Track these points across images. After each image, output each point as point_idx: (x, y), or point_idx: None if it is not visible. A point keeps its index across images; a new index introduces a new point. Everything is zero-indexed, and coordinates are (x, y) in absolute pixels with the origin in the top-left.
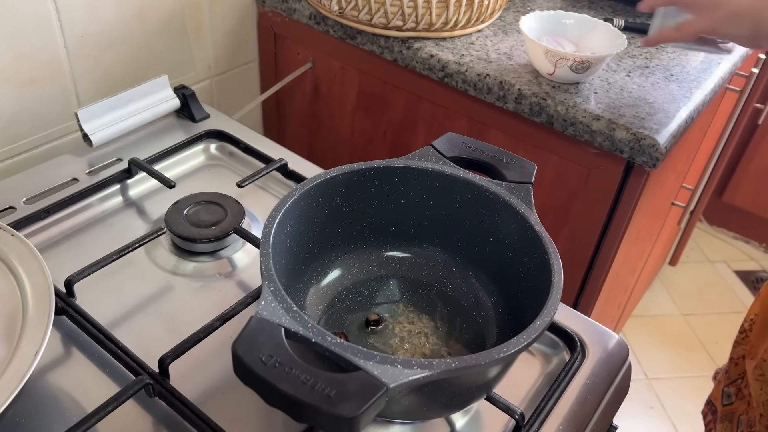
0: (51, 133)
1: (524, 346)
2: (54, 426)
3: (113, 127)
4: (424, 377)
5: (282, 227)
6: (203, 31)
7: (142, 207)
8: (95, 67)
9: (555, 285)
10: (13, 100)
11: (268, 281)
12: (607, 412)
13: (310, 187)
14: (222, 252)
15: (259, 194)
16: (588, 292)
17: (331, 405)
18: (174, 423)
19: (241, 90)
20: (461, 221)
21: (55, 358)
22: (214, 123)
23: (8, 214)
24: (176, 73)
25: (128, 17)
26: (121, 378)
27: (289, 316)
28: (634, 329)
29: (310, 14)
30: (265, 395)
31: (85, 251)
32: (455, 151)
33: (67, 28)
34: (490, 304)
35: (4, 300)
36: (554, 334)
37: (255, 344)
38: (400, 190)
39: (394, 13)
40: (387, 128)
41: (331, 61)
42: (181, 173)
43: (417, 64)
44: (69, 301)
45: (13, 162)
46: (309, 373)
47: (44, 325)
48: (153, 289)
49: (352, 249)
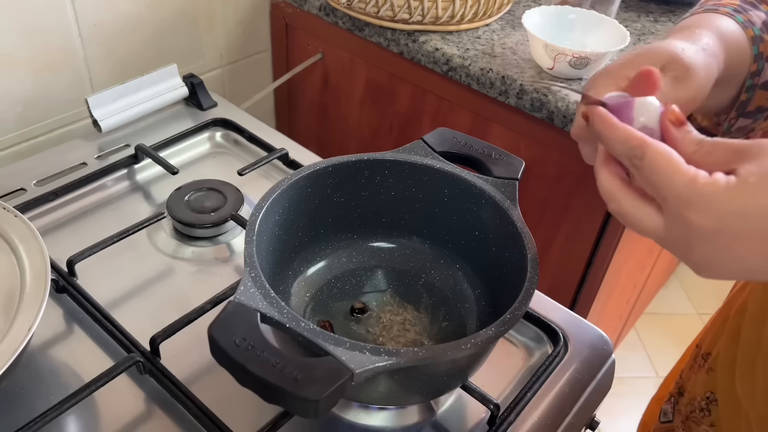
0: (64, 118)
1: (491, 337)
2: (51, 397)
3: (122, 113)
4: (390, 364)
5: (270, 216)
6: (216, 20)
7: (147, 191)
8: (108, 55)
9: (529, 279)
10: (28, 85)
11: (249, 267)
12: (586, 407)
13: (300, 177)
14: (221, 237)
15: (261, 182)
16: (588, 287)
17: (296, 387)
18: (163, 400)
19: (253, 79)
20: (449, 214)
21: (56, 334)
22: (221, 112)
23: (19, 195)
24: (187, 62)
25: (141, 6)
26: (116, 355)
27: (266, 302)
28: (648, 326)
29: (320, 5)
30: (236, 376)
31: (91, 233)
32: (445, 146)
33: (81, 16)
34: (474, 296)
35: (3, 277)
36: (538, 327)
37: (230, 327)
38: (390, 183)
39: (401, 6)
40: (393, 120)
41: (340, 53)
42: (186, 160)
43: (422, 58)
44: (70, 280)
45: (28, 145)
46: (279, 356)
47: (39, 302)
48: (152, 272)
49: (342, 239)
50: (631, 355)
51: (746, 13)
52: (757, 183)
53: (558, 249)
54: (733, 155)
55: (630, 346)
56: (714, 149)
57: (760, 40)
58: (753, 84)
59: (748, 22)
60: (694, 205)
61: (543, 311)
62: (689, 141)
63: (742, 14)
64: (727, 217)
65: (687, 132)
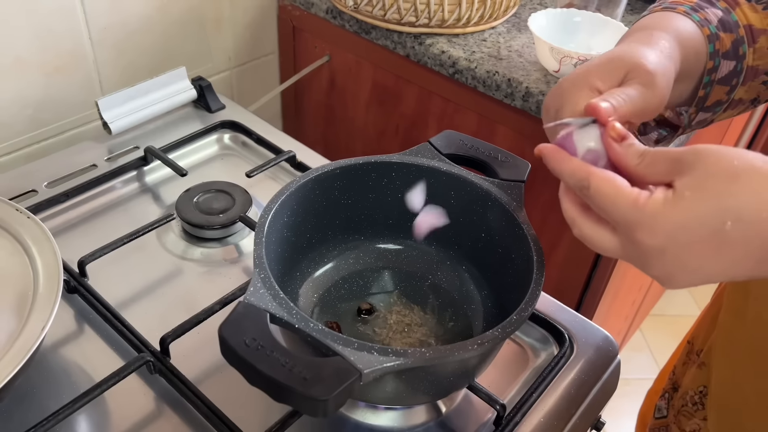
0: (74, 120)
1: (497, 338)
2: (62, 396)
3: (132, 116)
4: (397, 365)
5: (278, 218)
6: (224, 23)
7: (157, 193)
8: (118, 57)
9: (535, 281)
10: (39, 87)
11: (259, 269)
12: (592, 408)
13: (308, 179)
14: (229, 239)
15: (268, 184)
16: (593, 288)
17: (305, 387)
18: (173, 399)
19: (261, 81)
20: (455, 216)
21: (67, 334)
22: (229, 114)
23: (30, 197)
24: (196, 64)
25: (151, 9)
26: (126, 354)
27: (275, 303)
28: (653, 328)
29: (327, 8)
30: (246, 375)
31: (101, 234)
32: (452, 148)
33: (91, 19)
34: (480, 297)
35: (17, 278)
36: (544, 328)
37: (240, 327)
38: (397, 185)
39: (407, 9)
40: (399, 122)
41: (347, 55)
42: (195, 162)
43: (428, 60)
44: (81, 280)
45: (39, 147)
46: (288, 356)
47: (52, 303)
48: (162, 273)
49: (349, 240)
50: (636, 356)
51: (703, 11)
52: (692, 196)
53: (564, 251)
54: (673, 165)
55: (635, 347)
56: (655, 160)
57: (716, 38)
58: (710, 80)
59: (705, 21)
60: (639, 226)
61: (549, 312)
62: (632, 154)
63: (699, 12)
64: (672, 232)
65: (630, 146)
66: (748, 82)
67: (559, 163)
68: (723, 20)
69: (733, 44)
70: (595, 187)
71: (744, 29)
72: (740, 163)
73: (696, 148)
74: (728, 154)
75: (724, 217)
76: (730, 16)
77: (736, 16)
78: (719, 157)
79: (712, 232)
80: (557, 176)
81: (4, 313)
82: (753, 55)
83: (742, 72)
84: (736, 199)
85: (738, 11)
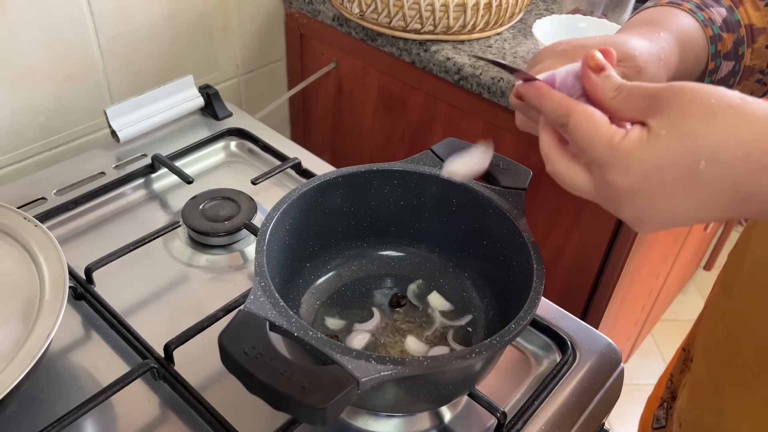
0: (83, 129)
1: (496, 346)
2: (69, 402)
3: (140, 124)
4: (395, 373)
5: (280, 226)
6: (231, 31)
7: (164, 200)
8: (127, 66)
9: (534, 289)
10: (49, 96)
11: (259, 277)
12: (595, 417)
13: (310, 187)
14: (235, 245)
15: (274, 191)
16: (600, 294)
17: (303, 395)
18: (177, 405)
19: (268, 88)
20: (457, 224)
21: (74, 340)
22: (236, 121)
23: (39, 204)
24: (204, 72)
25: (159, 19)
26: (131, 360)
27: (275, 311)
28: (665, 333)
29: (334, 16)
30: (245, 383)
31: (108, 241)
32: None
33: (101, 29)
34: (482, 305)
35: (24, 285)
36: (546, 335)
37: (240, 336)
38: (399, 192)
39: (412, 17)
40: (405, 128)
41: (354, 62)
42: (201, 169)
43: (434, 67)
44: (88, 287)
45: (50, 155)
46: (287, 364)
47: (57, 310)
48: (168, 279)
49: (352, 247)
50: (647, 361)
51: (708, 9)
52: (668, 135)
53: (570, 256)
54: (649, 101)
55: (646, 352)
56: (631, 95)
57: (719, 39)
58: (711, 81)
59: (709, 21)
60: (613, 165)
61: (551, 319)
62: (609, 86)
63: (704, 11)
64: (645, 172)
65: (607, 77)
66: (743, 82)
67: (541, 99)
68: (727, 20)
69: (734, 44)
70: (573, 122)
71: (745, 29)
72: (717, 102)
73: (673, 86)
74: (705, 92)
75: (698, 157)
76: (734, 15)
77: (738, 15)
78: (695, 95)
79: (686, 173)
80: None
81: (11, 320)
82: (751, 55)
83: (739, 72)
84: (711, 138)
85: (741, 10)
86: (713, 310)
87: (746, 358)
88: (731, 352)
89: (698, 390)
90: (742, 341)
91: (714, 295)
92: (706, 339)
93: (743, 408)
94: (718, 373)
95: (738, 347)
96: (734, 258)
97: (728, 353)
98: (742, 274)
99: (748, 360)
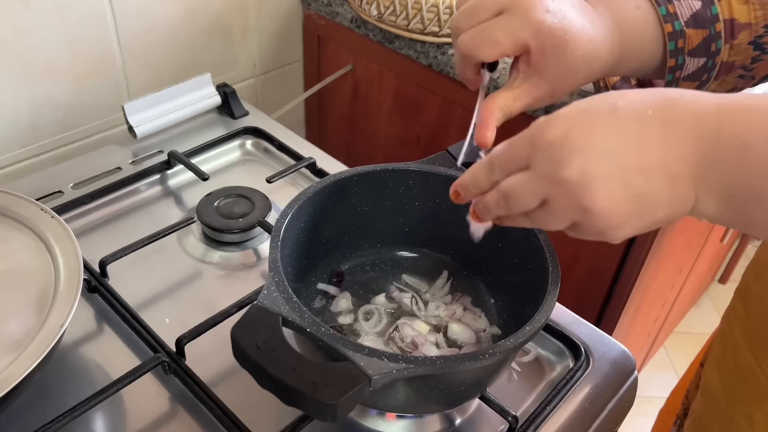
0: (102, 124)
1: (509, 348)
2: (80, 393)
3: (157, 120)
4: (407, 371)
5: (295, 222)
6: (250, 31)
7: (179, 196)
8: (145, 63)
9: (550, 292)
10: (69, 91)
11: (273, 272)
12: (607, 424)
13: (325, 185)
14: (248, 243)
15: (288, 190)
16: (613, 303)
17: (314, 391)
18: (187, 400)
19: (285, 89)
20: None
21: (87, 332)
22: (252, 120)
23: (56, 197)
24: (221, 71)
25: (178, 18)
26: (143, 354)
27: (288, 306)
28: (678, 346)
29: (352, 18)
30: (257, 377)
31: (123, 235)
32: (470, 157)
33: (121, 26)
34: (495, 307)
35: (39, 276)
36: (560, 341)
37: (252, 330)
38: (414, 193)
39: (431, 19)
40: (421, 131)
41: (370, 64)
42: (217, 166)
43: (451, 70)
44: (102, 280)
45: (68, 149)
46: (299, 360)
47: (71, 301)
48: (181, 275)
49: (365, 247)
50: (659, 374)
51: (676, 2)
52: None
53: (584, 264)
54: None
55: (659, 365)
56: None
57: (680, 35)
58: (674, 78)
59: (671, 16)
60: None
61: (565, 325)
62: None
63: (670, 4)
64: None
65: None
66: (721, 77)
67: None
68: (698, 14)
69: (704, 41)
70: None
71: (723, 24)
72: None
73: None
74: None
75: (612, 99)
76: (710, 8)
77: (717, 9)
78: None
79: (607, 110)
80: None
81: (25, 310)
82: (729, 51)
83: (714, 68)
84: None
85: (722, 3)
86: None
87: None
88: (749, 360)
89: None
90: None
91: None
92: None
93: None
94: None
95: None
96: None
97: (746, 360)
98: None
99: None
